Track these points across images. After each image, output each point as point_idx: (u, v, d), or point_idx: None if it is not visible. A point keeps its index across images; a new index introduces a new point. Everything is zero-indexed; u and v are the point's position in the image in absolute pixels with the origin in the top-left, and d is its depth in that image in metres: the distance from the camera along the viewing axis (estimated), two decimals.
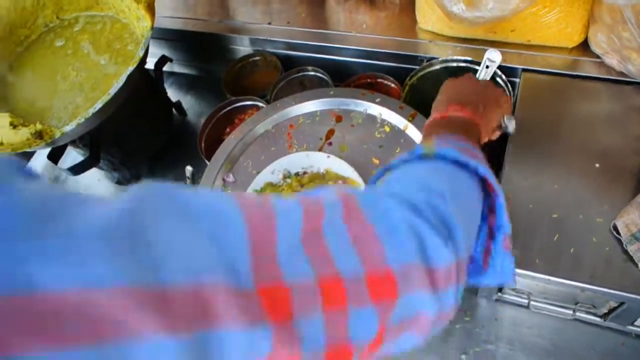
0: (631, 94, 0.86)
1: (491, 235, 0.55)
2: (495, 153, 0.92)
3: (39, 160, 1.27)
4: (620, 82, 0.87)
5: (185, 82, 1.35)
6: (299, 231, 0.34)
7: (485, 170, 0.50)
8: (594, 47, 0.89)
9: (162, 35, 1.23)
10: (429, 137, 0.57)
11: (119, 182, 1.23)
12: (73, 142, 1.03)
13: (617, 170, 0.79)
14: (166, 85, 1.20)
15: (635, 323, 0.82)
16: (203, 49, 1.28)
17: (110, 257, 0.24)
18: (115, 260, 0.24)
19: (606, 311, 0.82)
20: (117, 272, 0.24)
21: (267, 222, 0.33)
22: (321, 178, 0.83)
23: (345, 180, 0.83)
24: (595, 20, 0.87)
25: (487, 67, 0.81)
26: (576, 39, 0.91)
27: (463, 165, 0.50)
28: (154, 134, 1.19)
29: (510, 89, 0.89)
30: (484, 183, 0.52)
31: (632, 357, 0.85)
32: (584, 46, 0.92)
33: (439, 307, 0.40)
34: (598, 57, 0.90)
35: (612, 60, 0.86)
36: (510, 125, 0.73)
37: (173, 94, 1.30)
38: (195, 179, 0.99)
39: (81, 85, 1.00)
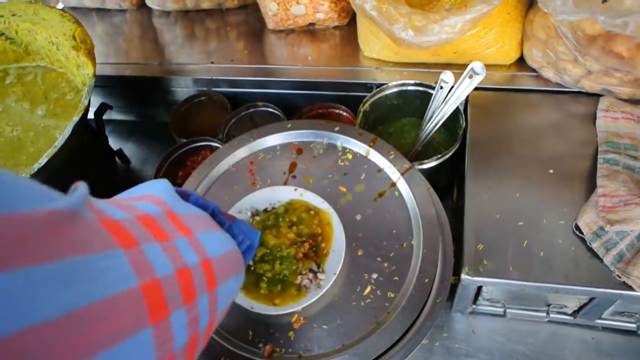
0: (569, 103, 0.92)
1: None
2: (455, 170, 0.96)
3: None
4: (558, 92, 0.94)
5: (125, 129, 1.30)
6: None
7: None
8: (530, 62, 0.96)
9: (98, 82, 1.18)
10: None
11: None
12: None
13: (570, 174, 0.84)
14: (106, 134, 1.15)
15: (603, 316, 0.86)
16: (142, 94, 1.24)
17: None
18: None
19: (576, 309, 0.86)
20: None
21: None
22: (292, 210, 0.82)
23: (315, 209, 0.82)
24: (529, 38, 0.93)
25: (442, 87, 0.85)
26: (513, 56, 0.97)
27: None
28: (99, 185, 1.12)
29: (462, 108, 0.93)
30: None
31: (602, 349, 0.89)
32: (521, 62, 0.99)
33: None
34: (534, 70, 0.96)
35: (548, 73, 0.93)
36: None
37: (113, 141, 1.24)
38: None
39: (19, 141, 0.94)
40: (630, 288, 0.73)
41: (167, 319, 0.34)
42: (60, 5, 1.42)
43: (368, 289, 0.76)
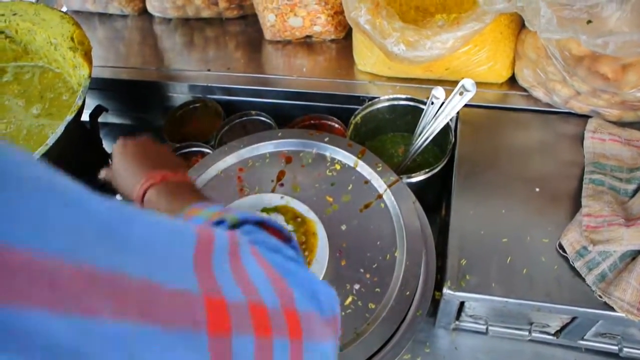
0: (558, 123, 0.93)
1: None
2: (444, 185, 0.96)
3: None
4: (547, 112, 0.95)
5: (120, 132, 1.30)
6: (226, 255, 0.36)
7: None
8: (521, 82, 0.97)
9: (96, 85, 1.19)
10: (187, 206, 0.53)
11: None
12: None
13: (556, 193, 0.84)
14: (101, 136, 1.16)
15: (585, 337, 0.86)
16: (139, 98, 1.25)
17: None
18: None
19: (558, 328, 0.86)
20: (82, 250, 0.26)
21: (207, 239, 0.35)
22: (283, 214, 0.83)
23: (302, 217, 0.83)
24: (520, 57, 0.94)
25: (433, 103, 0.85)
26: (504, 75, 0.98)
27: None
28: (91, 188, 1.13)
29: (452, 124, 0.94)
30: None
31: None
32: (512, 81, 1.00)
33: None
34: (525, 90, 0.97)
35: (538, 93, 0.94)
36: None
37: (108, 144, 1.25)
38: None
39: (12, 138, 0.94)
40: (611, 309, 0.72)
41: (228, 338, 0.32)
42: (64, 9, 1.44)
43: (349, 299, 0.76)
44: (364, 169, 0.88)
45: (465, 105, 0.87)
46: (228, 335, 0.32)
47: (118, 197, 0.96)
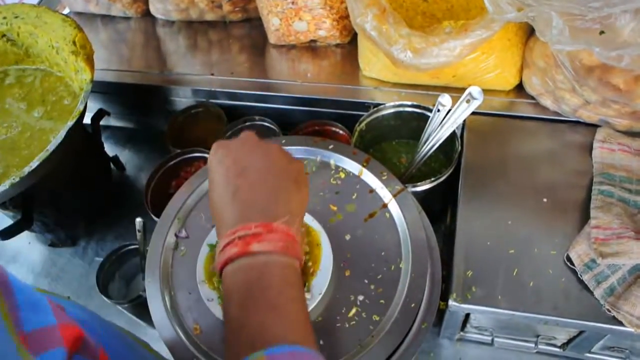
0: (566, 132, 0.92)
1: None
2: (450, 194, 0.95)
3: None
4: (556, 120, 0.93)
5: (122, 136, 1.30)
6: None
7: None
8: (529, 89, 0.95)
9: (98, 88, 1.18)
10: (259, 336, 0.42)
11: (52, 244, 1.14)
12: (2, 204, 0.96)
13: (564, 203, 0.83)
14: (102, 139, 1.15)
15: (592, 350, 0.84)
16: (141, 102, 1.24)
17: None
18: None
19: (565, 341, 0.85)
20: None
21: None
22: None
23: (305, 226, 0.81)
24: (528, 65, 0.93)
25: (439, 110, 0.84)
26: (512, 82, 0.97)
27: None
28: (92, 191, 1.12)
29: (459, 132, 0.93)
30: None
31: None
32: (520, 89, 0.98)
33: None
34: (533, 98, 0.96)
35: (546, 101, 0.93)
36: None
37: (110, 148, 1.25)
38: (146, 232, 0.94)
39: (13, 143, 0.93)
40: (620, 323, 0.71)
41: None
42: (66, 10, 1.43)
43: (353, 310, 0.74)
44: (369, 177, 0.87)
45: (473, 113, 0.85)
46: None
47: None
